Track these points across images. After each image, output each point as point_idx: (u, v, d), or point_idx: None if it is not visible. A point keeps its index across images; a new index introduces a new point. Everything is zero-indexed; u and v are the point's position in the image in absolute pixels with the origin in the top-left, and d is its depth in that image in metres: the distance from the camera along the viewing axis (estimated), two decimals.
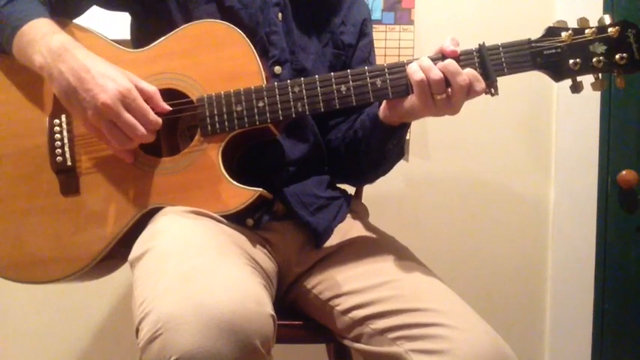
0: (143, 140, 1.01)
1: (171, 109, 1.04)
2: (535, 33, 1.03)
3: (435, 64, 0.98)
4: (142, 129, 0.99)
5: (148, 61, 1.09)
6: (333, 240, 1.14)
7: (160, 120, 1.02)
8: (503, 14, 1.79)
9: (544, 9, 1.79)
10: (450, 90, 0.98)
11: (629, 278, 1.84)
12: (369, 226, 1.21)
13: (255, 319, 0.80)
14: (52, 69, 1.01)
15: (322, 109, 1.03)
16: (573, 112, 1.79)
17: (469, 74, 0.98)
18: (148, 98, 1.02)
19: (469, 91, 0.98)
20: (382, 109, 1.06)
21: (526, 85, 1.78)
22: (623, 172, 1.80)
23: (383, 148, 1.11)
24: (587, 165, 1.81)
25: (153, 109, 1.02)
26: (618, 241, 1.83)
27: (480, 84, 0.98)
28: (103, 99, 0.97)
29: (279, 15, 1.15)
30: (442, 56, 1.00)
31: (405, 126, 1.09)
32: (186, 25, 1.09)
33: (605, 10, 1.77)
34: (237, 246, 0.99)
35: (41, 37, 1.03)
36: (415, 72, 0.98)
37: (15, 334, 1.86)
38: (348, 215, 1.21)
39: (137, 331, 0.82)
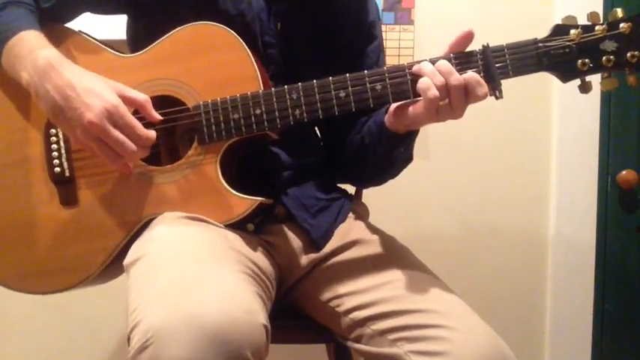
0: (136, 156, 0.99)
1: (162, 118, 1.02)
2: (536, 32, 1.00)
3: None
4: (131, 145, 0.96)
5: (142, 67, 1.07)
6: (334, 241, 1.14)
7: (153, 134, 0.99)
8: (503, 13, 1.78)
9: (544, 8, 1.78)
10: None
11: (629, 278, 1.84)
12: (369, 227, 1.20)
13: (246, 329, 0.79)
14: (39, 87, 0.99)
15: (321, 116, 1.00)
16: (573, 112, 1.79)
17: (471, 78, 0.93)
18: (138, 108, 1.00)
19: (468, 94, 0.94)
20: (387, 117, 1.04)
21: (526, 85, 1.77)
22: (623, 172, 1.80)
23: (390, 154, 1.09)
24: (587, 165, 1.81)
25: (145, 119, 1.00)
26: (618, 241, 1.83)
27: (482, 88, 0.94)
28: (88, 117, 0.95)
29: (279, 25, 1.12)
30: (445, 57, 0.97)
31: (413, 133, 1.06)
32: (180, 27, 1.06)
33: (606, 6, 1.76)
34: (234, 251, 0.98)
35: (28, 53, 1.01)
36: (429, 88, 0.94)
37: (15, 334, 1.86)
38: (349, 216, 1.20)
39: (128, 339, 0.81)
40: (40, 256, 1.09)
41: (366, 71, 1.00)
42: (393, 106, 1.02)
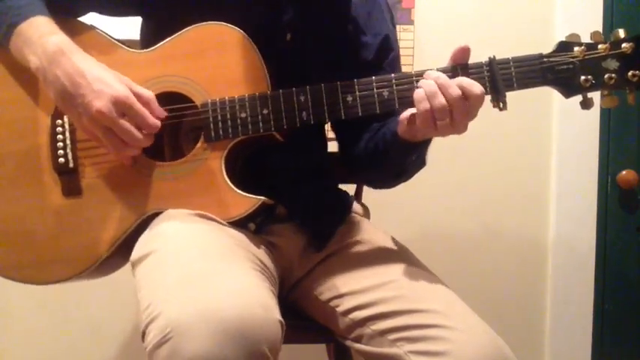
0: (142, 144, 1.00)
1: (167, 114, 1.02)
2: (535, 33, 1.01)
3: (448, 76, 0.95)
4: (138, 135, 0.97)
5: (152, 63, 1.07)
6: (334, 241, 1.14)
7: (158, 123, 0.99)
8: (503, 14, 1.78)
9: (544, 8, 1.79)
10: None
11: (629, 278, 1.84)
12: (369, 227, 1.20)
13: (263, 325, 0.80)
14: (48, 73, 0.99)
15: (327, 119, 1.02)
16: (573, 112, 1.77)
17: (461, 81, 0.93)
18: (144, 104, 0.99)
19: (467, 98, 0.93)
20: (399, 126, 1.03)
21: None
22: (623, 172, 1.81)
23: (403, 161, 1.09)
24: (587, 165, 1.81)
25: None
26: (618, 241, 1.84)
27: (477, 88, 0.93)
28: (97, 106, 0.95)
29: (289, 36, 1.11)
30: (451, 68, 0.97)
31: (425, 142, 1.05)
32: (191, 27, 1.06)
33: (605, 11, 1.77)
34: (242, 248, 0.99)
35: (38, 38, 1.01)
36: (422, 101, 0.94)
37: (15, 334, 1.86)
38: (349, 216, 1.21)
39: (143, 334, 0.81)
40: (41, 246, 1.09)
41: (373, 77, 1.01)
42: (404, 114, 1.01)
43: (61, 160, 1.09)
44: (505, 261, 1.83)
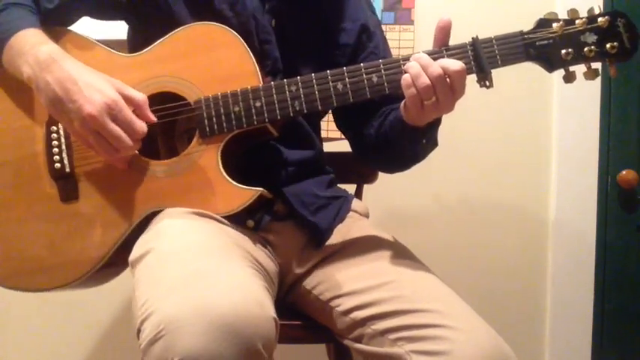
0: (130, 151, 1.01)
1: (156, 120, 1.03)
2: None
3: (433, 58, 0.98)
4: (127, 140, 0.99)
5: (143, 66, 1.09)
6: (334, 240, 1.14)
7: (145, 127, 1.01)
8: (503, 13, 1.79)
9: (545, 9, 1.78)
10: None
11: (630, 278, 1.84)
12: (369, 226, 1.20)
13: (258, 322, 0.80)
14: (39, 80, 1.01)
15: (320, 108, 1.03)
16: (573, 111, 1.79)
17: (441, 60, 0.96)
18: (135, 107, 1.02)
19: (448, 75, 0.96)
20: (403, 112, 1.04)
21: (526, 85, 1.78)
22: (623, 172, 1.80)
23: (415, 147, 1.10)
24: (587, 165, 1.81)
25: (140, 118, 1.01)
26: (618, 241, 1.83)
27: (457, 64, 0.96)
28: (88, 110, 0.97)
29: (273, 22, 1.13)
30: (437, 50, 1.00)
31: (433, 125, 1.06)
32: (179, 28, 1.08)
33: (605, 6, 1.77)
34: (239, 247, 0.99)
35: (29, 49, 1.03)
36: (408, 86, 0.97)
37: (15, 334, 1.85)
38: (349, 215, 1.21)
39: (138, 331, 0.82)
40: (40, 253, 1.09)
41: (362, 64, 1.03)
42: (403, 102, 1.03)
43: (57, 165, 1.10)
44: (505, 261, 1.83)
